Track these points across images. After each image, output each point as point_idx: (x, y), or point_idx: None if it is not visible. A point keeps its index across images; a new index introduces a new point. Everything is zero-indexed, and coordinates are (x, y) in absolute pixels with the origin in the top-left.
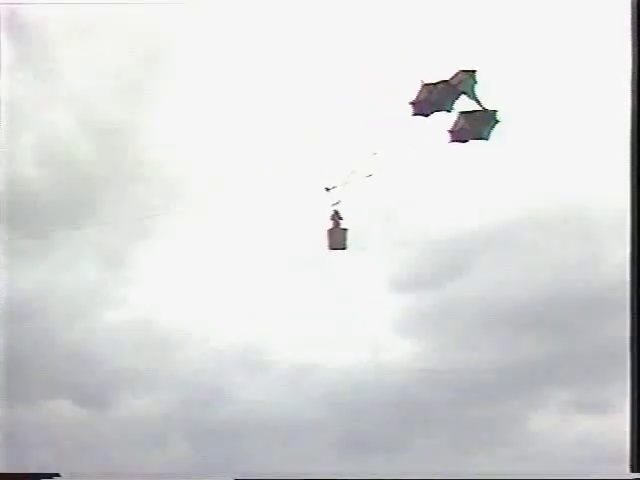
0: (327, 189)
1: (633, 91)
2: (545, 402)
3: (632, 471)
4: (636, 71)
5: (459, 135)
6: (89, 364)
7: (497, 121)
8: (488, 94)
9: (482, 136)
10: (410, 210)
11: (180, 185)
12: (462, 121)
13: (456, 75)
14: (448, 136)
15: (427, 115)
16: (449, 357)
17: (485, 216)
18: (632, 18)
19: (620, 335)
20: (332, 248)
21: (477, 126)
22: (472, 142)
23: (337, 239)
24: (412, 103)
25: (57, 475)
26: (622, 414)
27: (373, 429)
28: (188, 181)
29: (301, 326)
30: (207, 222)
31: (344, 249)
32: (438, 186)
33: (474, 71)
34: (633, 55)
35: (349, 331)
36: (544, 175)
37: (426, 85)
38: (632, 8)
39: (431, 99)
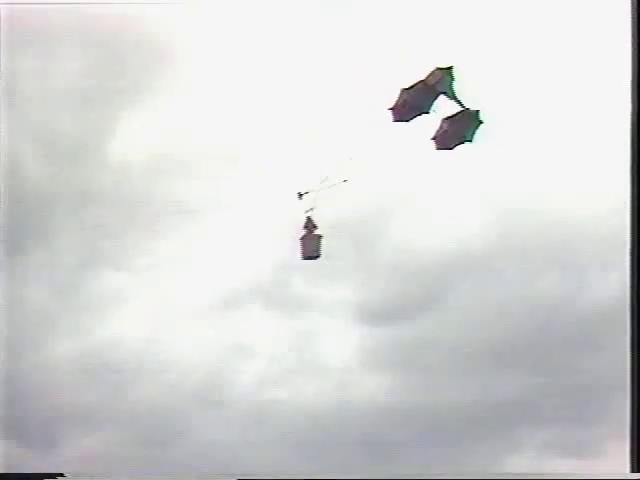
0: (300, 195)
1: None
2: (521, 443)
3: (632, 471)
4: (636, 72)
5: (444, 141)
6: (36, 399)
7: (480, 122)
8: (469, 91)
9: (466, 138)
10: (382, 230)
11: (137, 207)
12: (445, 125)
13: (432, 73)
14: (433, 143)
15: (407, 120)
16: (420, 394)
17: (463, 240)
18: (632, 19)
19: (603, 372)
20: (305, 256)
21: (460, 129)
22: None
23: (311, 247)
24: (391, 109)
25: (61, 475)
26: (603, 457)
27: (337, 469)
28: (146, 202)
29: (262, 359)
30: (164, 247)
31: (318, 257)
32: (415, 200)
33: (451, 67)
34: (633, 56)
35: (313, 365)
36: (527, 190)
37: (404, 90)
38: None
39: (409, 103)
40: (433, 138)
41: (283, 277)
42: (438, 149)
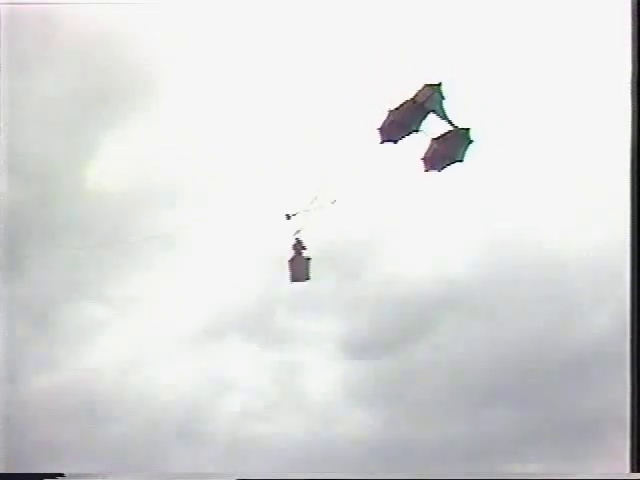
0: (288, 217)
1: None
2: None
3: (632, 471)
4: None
5: (433, 161)
6: (8, 436)
7: (471, 141)
8: (459, 109)
9: (456, 158)
10: (368, 260)
11: (117, 235)
12: (435, 145)
13: (421, 91)
14: (422, 164)
15: (396, 141)
16: (406, 429)
17: (450, 271)
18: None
19: (597, 408)
20: (294, 279)
21: (450, 148)
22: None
23: (299, 270)
24: (379, 129)
25: (61, 475)
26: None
27: None
28: (126, 230)
29: (244, 393)
30: (144, 277)
31: (307, 280)
32: (402, 229)
33: (440, 84)
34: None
35: (297, 399)
36: (519, 217)
37: (391, 110)
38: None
39: (397, 122)
40: (422, 158)
41: (266, 307)
42: (427, 170)
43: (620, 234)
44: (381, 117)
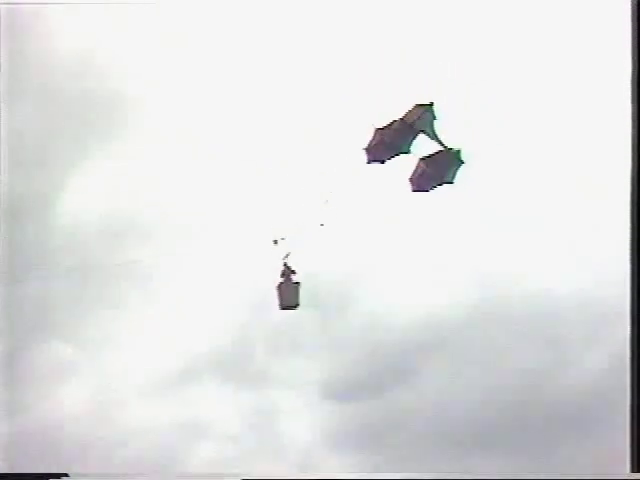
0: (275, 242)
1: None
2: None
3: (632, 471)
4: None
5: (421, 182)
6: None
7: (461, 162)
8: (450, 130)
9: (446, 179)
10: (350, 299)
11: (87, 272)
12: (423, 166)
13: (411, 111)
14: (409, 185)
15: (383, 161)
16: (388, 477)
17: (437, 310)
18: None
19: (591, 454)
20: (284, 306)
21: (440, 169)
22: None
23: (289, 296)
24: (366, 149)
25: (65, 475)
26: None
27: None
28: (97, 267)
29: (219, 439)
30: (116, 316)
31: (296, 307)
32: (386, 265)
33: (431, 104)
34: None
35: (274, 445)
36: (508, 250)
37: (379, 129)
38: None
39: (386, 142)
40: (410, 179)
41: (243, 348)
42: (415, 190)
43: (619, 268)
44: (368, 136)
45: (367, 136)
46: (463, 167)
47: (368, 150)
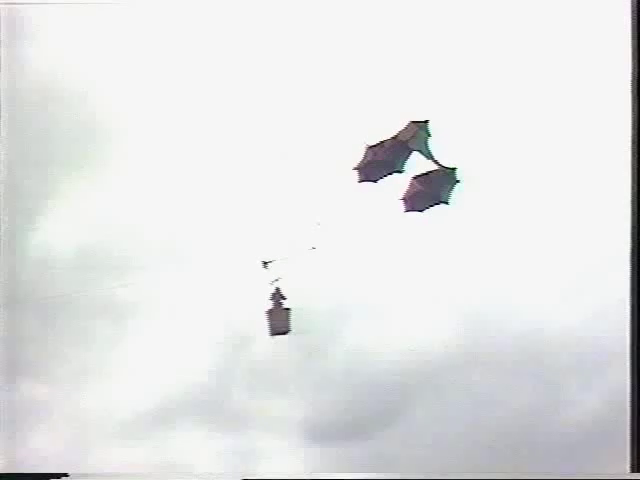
0: (265, 264)
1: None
2: None
3: (632, 471)
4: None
5: (414, 202)
6: None
7: (456, 181)
8: (445, 148)
9: (441, 199)
10: (335, 333)
11: (61, 307)
12: (417, 185)
13: (405, 128)
14: (402, 205)
15: (375, 181)
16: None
17: (427, 346)
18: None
19: None
20: (274, 332)
21: (434, 189)
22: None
23: (279, 321)
24: (357, 168)
25: (65, 475)
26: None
27: None
28: (71, 302)
29: None
30: (90, 353)
31: (287, 332)
32: (374, 295)
33: (426, 122)
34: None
35: None
36: (503, 279)
37: (371, 147)
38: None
39: (378, 161)
40: (402, 199)
41: (221, 387)
42: (407, 211)
43: (619, 301)
44: (360, 155)
45: (359, 154)
46: (458, 186)
47: (360, 169)
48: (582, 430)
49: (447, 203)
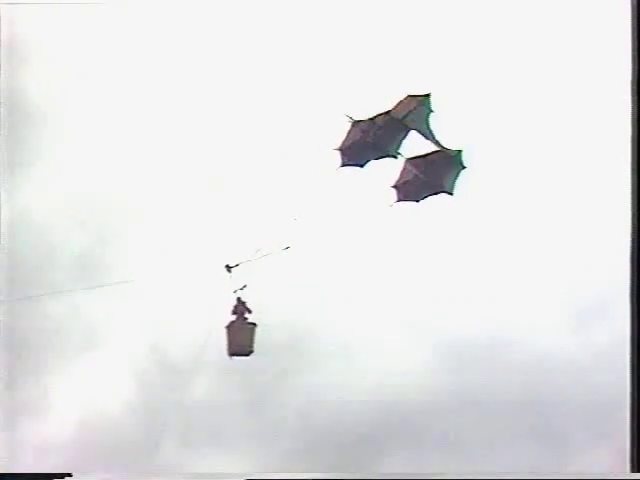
0: (229, 268)
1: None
2: None
3: (632, 471)
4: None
5: (410, 190)
6: None
7: (463, 166)
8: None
9: (443, 189)
10: (290, 371)
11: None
12: (413, 170)
13: (402, 102)
14: (393, 194)
15: (362, 165)
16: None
17: (398, 384)
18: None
19: None
20: (233, 352)
21: (435, 175)
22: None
23: (241, 338)
24: (340, 149)
25: (69, 475)
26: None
27: None
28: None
29: None
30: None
31: (250, 353)
32: (338, 325)
33: (427, 95)
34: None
35: None
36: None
37: (357, 122)
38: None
39: (366, 141)
40: (395, 186)
41: (149, 439)
42: (401, 200)
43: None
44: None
45: (342, 132)
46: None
47: (343, 150)
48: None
49: (451, 193)
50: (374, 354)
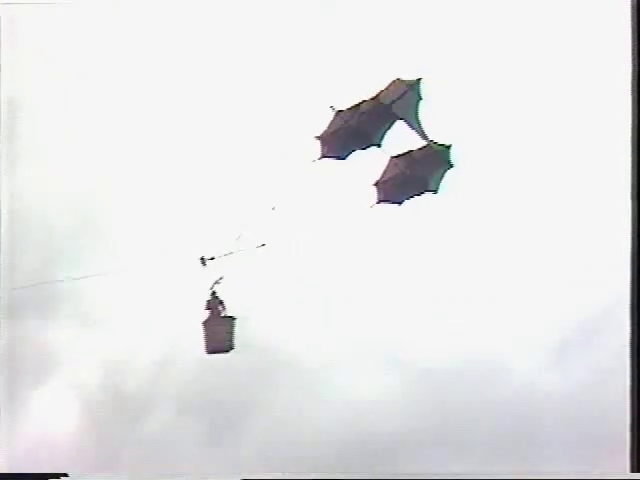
0: (203, 261)
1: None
2: None
3: (632, 471)
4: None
5: (392, 190)
6: None
7: (450, 164)
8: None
9: (428, 187)
10: (257, 400)
11: None
12: (396, 168)
13: (389, 87)
14: (375, 193)
15: (343, 157)
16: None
17: (380, 413)
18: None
19: None
20: (211, 350)
21: (421, 172)
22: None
23: (218, 335)
24: (320, 137)
25: (65, 475)
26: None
27: None
28: None
29: None
30: None
31: (229, 350)
32: (311, 336)
33: (418, 81)
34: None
35: None
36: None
37: (340, 111)
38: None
39: (349, 129)
40: (376, 184)
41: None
42: (382, 201)
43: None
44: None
45: (323, 120)
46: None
47: (323, 139)
48: None
49: (435, 192)
50: (345, 383)
